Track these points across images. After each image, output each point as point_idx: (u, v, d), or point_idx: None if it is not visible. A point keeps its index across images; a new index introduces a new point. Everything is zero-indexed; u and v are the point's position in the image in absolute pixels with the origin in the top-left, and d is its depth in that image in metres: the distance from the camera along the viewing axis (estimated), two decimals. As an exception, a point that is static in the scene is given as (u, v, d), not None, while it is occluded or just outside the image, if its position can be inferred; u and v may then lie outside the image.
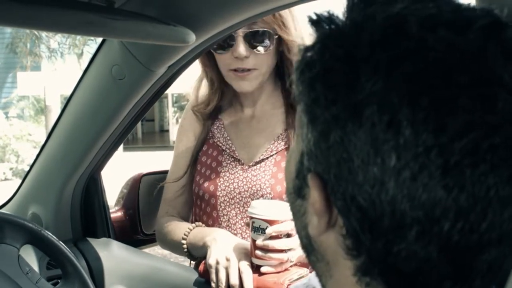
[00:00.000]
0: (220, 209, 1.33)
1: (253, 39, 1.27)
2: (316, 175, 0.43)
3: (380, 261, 0.41)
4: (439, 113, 0.37)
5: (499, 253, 0.40)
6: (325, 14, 0.43)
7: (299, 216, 0.48)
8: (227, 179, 1.33)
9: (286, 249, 1.15)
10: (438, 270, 0.40)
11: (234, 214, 1.32)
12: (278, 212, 1.15)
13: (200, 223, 1.34)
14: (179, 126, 1.47)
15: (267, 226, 1.14)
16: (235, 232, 1.32)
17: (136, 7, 0.93)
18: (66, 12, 0.79)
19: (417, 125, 0.37)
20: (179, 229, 1.35)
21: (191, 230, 1.32)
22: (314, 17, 0.43)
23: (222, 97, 1.40)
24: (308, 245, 0.48)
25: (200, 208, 1.37)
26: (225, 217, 1.32)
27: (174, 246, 1.38)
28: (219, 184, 1.33)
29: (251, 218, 1.18)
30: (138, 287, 1.41)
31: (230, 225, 1.32)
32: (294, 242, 1.15)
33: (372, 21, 0.40)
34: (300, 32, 1.30)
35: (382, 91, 0.38)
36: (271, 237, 1.14)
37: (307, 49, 0.43)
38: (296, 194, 0.48)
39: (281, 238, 1.15)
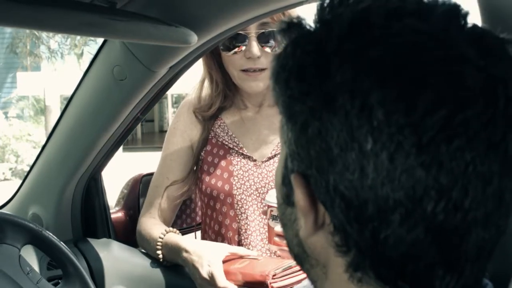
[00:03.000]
0: (238, 207, 1.33)
1: (265, 39, 1.28)
2: (299, 174, 0.44)
3: (369, 252, 0.41)
4: (408, 92, 0.38)
5: (486, 235, 0.40)
6: (295, 20, 0.44)
7: (290, 225, 0.49)
8: (241, 177, 1.34)
9: None
10: (426, 255, 0.40)
11: (252, 211, 1.33)
12: None
13: (173, 229, 1.35)
14: (172, 128, 1.45)
15: None
16: (254, 229, 1.33)
17: (138, 8, 0.94)
18: (68, 12, 0.79)
19: (388, 106, 0.38)
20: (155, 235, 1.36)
21: (163, 238, 1.34)
22: (283, 25, 0.45)
23: (225, 99, 1.40)
24: (301, 252, 0.48)
25: (213, 208, 1.37)
26: (243, 215, 1.33)
27: (150, 250, 1.40)
28: (234, 182, 1.33)
29: (269, 206, 1.21)
30: (138, 287, 1.41)
31: (248, 222, 1.33)
32: None
33: (340, 17, 0.42)
34: None
35: (352, 78, 0.39)
36: None
37: (279, 53, 0.45)
38: (286, 203, 0.48)
39: None
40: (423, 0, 0.42)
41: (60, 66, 14.17)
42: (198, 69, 1.41)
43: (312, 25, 0.44)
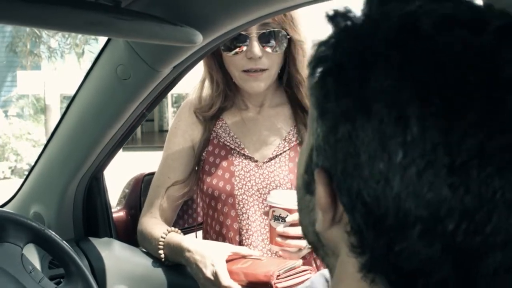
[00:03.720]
0: (239, 207, 1.33)
1: (266, 40, 1.28)
2: (323, 171, 0.43)
3: (383, 259, 0.41)
4: (448, 111, 0.37)
5: (504, 257, 0.40)
6: (342, 10, 0.43)
7: (307, 212, 0.49)
8: (242, 177, 1.34)
9: None
10: (440, 271, 0.39)
11: (253, 212, 1.33)
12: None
13: (175, 229, 1.35)
14: (173, 128, 1.45)
15: (287, 215, 1.20)
16: (255, 229, 1.33)
17: (142, 7, 0.93)
18: (72, 11, 0.79)
19: (425, 122, 0.37)
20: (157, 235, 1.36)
21: (165, 238, 1.34)
22: (331, 12, 0.43)
23: (226, 99, 1.40)
24: (316, 241, 0.48)
25: (215, 209, 1.37)
26: (244, 215, 1.33)
27: (152, 250, 1.40)
28: (235, 183, 1.33)
29: (271, 207, 1.22)
30: (139, 287, 1.41)
31: (249, 222, 1.33)
32: None
33: (387, 19, 0.40)
34: (304, 31, 1.32)
35: (392, 87, 0.38)
36: (291, 225, 1.19)
37: (320, 44, 0.43)
38: (305, 189, 0.48)
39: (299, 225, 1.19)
40: (479, 8, 0.41)
41: (60, 65, 14.16)
42: (198, 69, 1.41)
43: (358, 19, 0.43)
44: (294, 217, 1.18)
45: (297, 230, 1.18)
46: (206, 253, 1.22)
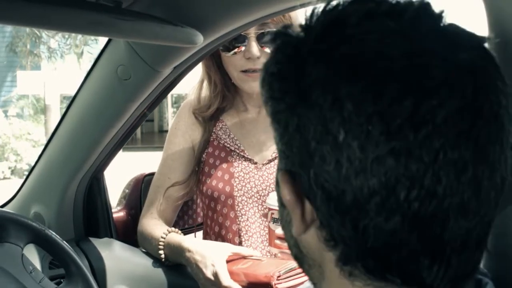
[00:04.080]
0: (238, 209, 1.33)
1: (265, 40, 1.28)
2: (285, 172, 0.46)
3: (354, 244, 0.42)
4: (375, 84, 0.40)
5: (468, 224, 0.41)
6: (281, 29, 0.47)
7: (287, 226, 0.50)
8: (242, 179, 1.34)
9: None
10: (407, 244, 0.41)
11: (253, 213, 1.33)
12: None
13: (175, 229, 1.35)
14: (173, 128, 1.45)
15: None
16: (254, 231, 1.33)
17: (143, 8, 0.94)
18: (73, 11, 0.79)
19: (356, 98, 0.40)
20: (157, 235, 1.36)
21: (165, 238, 1.34)
22: (272, 36, 0.48)
23: (224, 100, 1.40)
24: (298, 253, 0.50)
25: (214, 210, 1.37)
26: (243, 216, 1.33)
27: (152, 250, 1.40)
28: (234, 184, 1.34)
29: (270, 209, 1.22)
30: (139, 287, 1.41)
31: (249, 224, 1.33)
32: None
33: (317, 21, 0.45)
34: None
35: (324, 75, 0.41)
36: None
37: (266, 62, 0.47)
38: (281, 204, 0.50)
39: None
40: (398, 2, 0.44)
41: (60, 65, 14.16)
42: (198, 69, 1.41)
43: (296, 31, 0.46)
44: None
45: None
46: (207, 253, 1.22)
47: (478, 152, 0.40)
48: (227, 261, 1.22)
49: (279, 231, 1.20)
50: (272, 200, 1.23)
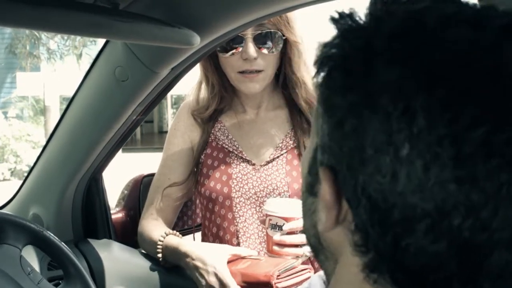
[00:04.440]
0: (236, 210, 1.33)
1: (262, 41, 1.28)
2: (328, 168, 0.43)
3: (388, 257, 0.41)
4: (454, 103, 0.37)
5: (510, 257, 0.40)
6: (346, 11, 0.43)
7: (309, 214, 0.48)
8: (240, 180, 1.34)
9: (301, 244, 1.19)
10: (446, 268, 0.39)
11: (251, 214, 1.33)
12: (293, 209, 1.20)
13: (173, 231, 1.35)
14: (172, 129, 1.45)
15: (283, 223, 1.20)
16: (252, 232, 1.33)
17: (140, 9, 0.94)
18: (70, 13, 0.79)
19: (431, 114, 0.37)
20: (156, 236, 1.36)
21: (163, 241, 1.34)
22: (336, 15, 0.43)
23: (222, 101, 1.40)
24: (316, 243, 0.48)
25: (212, 211, 1.37)
26: (241, 218, 1.33)
27: (151, 252, 1.40)
28: (232, 185, 1.34)
29: (268, 215, 1.22)
30: (138, 289, 1.41)
31: (246, 225, 1.33)
32: None
33: (392, 16, 0.41)
34: (300, 32, 1.31)
35: (398, 80, 0.38)
36: (287, 233, 1.20)
37: (326, 44, 0.44)
38: (308, 191, 0.48)
39: (296, 233, 1.20)
40: (481, 8, 0.41)
41: (60, 66, 14.16)
42: (197, 70, 1.41)
43: (363, 19, 0.43)
44: (291, 225, 1.19)
45: (294, 239, 1.19)
46: (207, 259, 1.21)
47: None
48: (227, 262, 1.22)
49: (277, 237, 1.20)
50: (270, 206, 1.23)
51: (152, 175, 1.59)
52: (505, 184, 0.37)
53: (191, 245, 1.29)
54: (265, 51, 1.29)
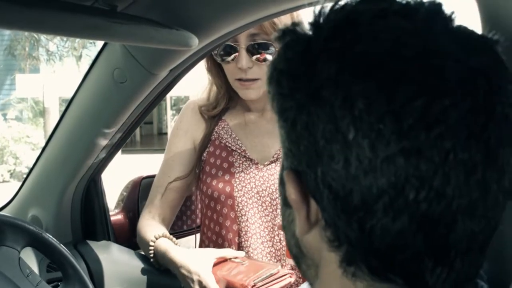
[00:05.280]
0: (238, 209, 1.34)
1: (255, 51, 1.29)
2: (291, 170, 0.45)
3: (359, 244, 0.42)
4: (388, 84, 0.39)
5: (474, 227, 0.41)
6: (289, 27, 0.46)
7: (288, 226, 0.50)
8: (242, 179, 1.34)
9: None
10: (413, 244, 0.40)
11: (253, 214, 1.33)
12: None
13: (164, 234, 1.35)
14: (175, 129, 1.46)
15: None
16: (254, 231, 1.33)
17: (138, 11, 0.94)
18: (69, 16, 0.79)
19: (369, 96, 0.39)
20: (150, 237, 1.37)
21: (153, 244, 1.34)
22: (279, 32, 0.47)
23: (230, 100, 1.42)
24: (298, 253, 0.49)
25: (214, 210, 1.37)
26: (243, 217, 1.33)
27: (146, 253, 1.40)
28: (235, 184, 1.34)
29: None
30: (137, 290, 1.41)
31: (248, 225, 1.33)
32: None
33: (328, 19, 0.44)
34: None
35: (336, 73, 0.41)
36: None
37: (274, 58, 0.47)
38: (284, 203, 0.50)
39: None
40: (410, 2, 0.44)
41: (59, 68, 14.16)
42: (197, 71, 1.42)
43: (305, 28, 0.46)
44: None
45: None
46: (192, 267, 1.22)
47: (488, 154, 0.40)
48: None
49: None
50: None
51: (151, 176, 1.59)
52: (450, 150, 0.39)
53: (177, 252, 1.29)
54: (258, 61, 1.30)
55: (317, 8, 0.45)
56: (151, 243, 1.34)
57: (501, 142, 0.41)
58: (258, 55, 1.29)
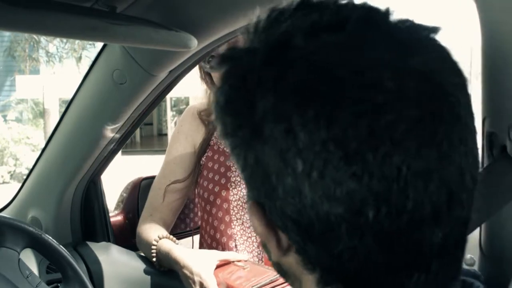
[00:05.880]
0: (233, 213, 1.34)
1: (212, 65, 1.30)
2: (254, 203, 0.44)
3: (331, 268, 0.41)
4: (326, 109, 0.38)
5: (444, 230, 0.40)
6: (226, 53, 0.44)
7: (266, 246, 0.49)
8: (238, 183, 1.35)
9: None
10: (385, 261, 0.40)
11: (248, 218, 1.33)
12: None
13: (166, 235, 1.35)
14: (176, 133, 1.47)
15: None
16: (249, 235, 1.34)
17: (138, 12, 0.94)
18: (68, 17, 0.79)
19: (309, 125, 0.38)
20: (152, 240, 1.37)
21: (156, 245, 1.34)
22: (219, 60, 0.45)
23: None
24: (280, 270, 0.49)
25: (210, 213, 1.38)
26: (238, 221, 1.34)
27: (147, 254, 1.41)
28: (230, 188, 1.34)
29: None
30: (137, 291, 1.41)
31: (244, 228, 1.34)
32: None
33: (262, 43, 0.42)
34: None
35: (273, 106, 0.40)
36: None
37: (216, 90, 0.45)
38: None
39: None
40: (340, 7, 0.42)
41: (59, 69, 14.16)
42: (197, 72, 1.42)
43: (241, 53, 0.44)
44: None
45: None
46: (194, 269, 1.22)
47: (443, 158, 0.39)
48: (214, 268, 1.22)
49: None
50: None
51: (151, 177, 1.60)
52: (402, 165, 0.38)
53: (181, 252, 1.29)
54: None
55: (252, 24, 0.43)
56: (154, 243, 1.34)
57: (454, 142, 0.40)
58: (215, 70, 1.30)
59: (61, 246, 1.14)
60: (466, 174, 0.41)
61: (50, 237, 1.13)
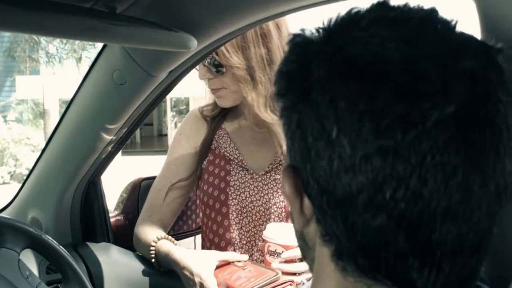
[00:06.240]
0: (232, 217, 1.34)
1: (210, 64, 1.32)
2: (289, 166, 0.48)
3: (344, 239, 0.43)
4: (371, 86, 0.41)
5: (460, 229, 0.41)
6: (299, 30, 0.49)
7: (292, 219, 0.51)
8: (237, 188, 1.35)
9: (299, 273, 1.18)
10: (395, 243, 0.41)
11: (247, 222, 1.34)
12: (293, 237, 1.18)
13: (164, 236, 1.35)
14: (178, 134, 1.47)
15: (282, 251, 1.18)
16: (248, 239, 1.34)
17: (137, 13, 0.94)
18: (68, 17, 0.79)
19: (351, 97, 0.41)
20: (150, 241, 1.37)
21: (155, 246, 1.34)
22: (290, 36, 0.49)
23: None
24: (304, 245, 0.51)
25: (209, 217, 1.38)
26: (237, 225, 1.34)
27: (145, 255, 1.41)
28: (229, 193, 1.34)
29: (266, 242, 1.21)
30: (137, 292, 1.41)
31: (243, 232, 1.34)
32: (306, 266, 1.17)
33: (330, 24, 0.47)
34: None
35: (325, 75, 0.43)
36: (286, 261, 1.18)
37: (281, 60, 0.49)
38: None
39: (295, 262, 1.19)
40: (409, 7, 0.45)
41: (59, 70, 14.17)
42: (197, 72, 1.42)
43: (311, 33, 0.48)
44: (290, 254, 1.17)
45: (292, 267, 1.18)
46: (194, 269, 1.22)
47: (470, 158, 0.40)
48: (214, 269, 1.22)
49: (275, 265, 1.19)
50: (269, 232, 1.21)
51: (151, 178, 1.60)
52: (428, 153, 0.40)
53: (180, 253, 1.29)
54: (210, 74, 1.34)
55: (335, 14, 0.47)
56: (153, 244, 1.34)
57: (484, 146, 0.41)
58: (213, 68, 1.32)
59: (61, 246, 1.14)
60: (491, 181, 0.42)
61: (50, 238, 1.13)
